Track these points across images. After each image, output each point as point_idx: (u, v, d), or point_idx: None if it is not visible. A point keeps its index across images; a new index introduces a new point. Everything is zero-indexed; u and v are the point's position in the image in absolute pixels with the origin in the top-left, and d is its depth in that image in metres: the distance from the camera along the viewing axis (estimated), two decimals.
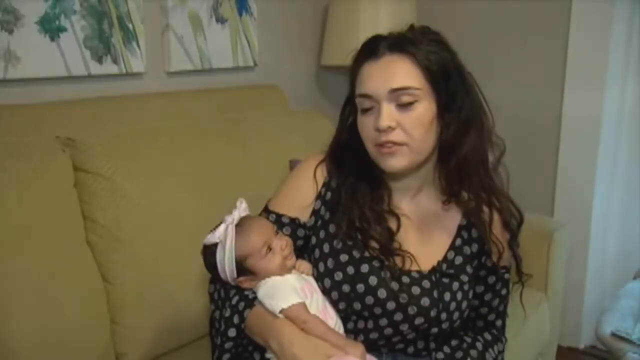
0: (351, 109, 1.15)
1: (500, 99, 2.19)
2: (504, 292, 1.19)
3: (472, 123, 1.08)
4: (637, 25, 2.10)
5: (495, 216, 1.14)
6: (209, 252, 1.08)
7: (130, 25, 1.70)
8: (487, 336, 1.18)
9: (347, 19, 2.11)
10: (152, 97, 1.72)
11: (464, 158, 1.08)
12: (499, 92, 2.22)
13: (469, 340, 1.15)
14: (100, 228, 1.33)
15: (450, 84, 1.06)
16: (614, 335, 1.64)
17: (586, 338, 2.26)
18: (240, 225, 1.07)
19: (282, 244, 1.07)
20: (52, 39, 1.53)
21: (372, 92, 1.05)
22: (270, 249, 1.06)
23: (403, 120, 1.04)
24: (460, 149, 1.08)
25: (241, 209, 1.09)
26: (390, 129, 1.04)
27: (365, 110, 1.08)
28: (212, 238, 1.07)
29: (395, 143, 1.04)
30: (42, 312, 1.18)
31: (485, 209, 1.13)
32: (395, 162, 1.06)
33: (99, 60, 1.64)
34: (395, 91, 1.04)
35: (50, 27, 1.52)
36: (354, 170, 1.15)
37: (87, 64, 1.61)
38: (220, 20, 1.96)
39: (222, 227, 1.07)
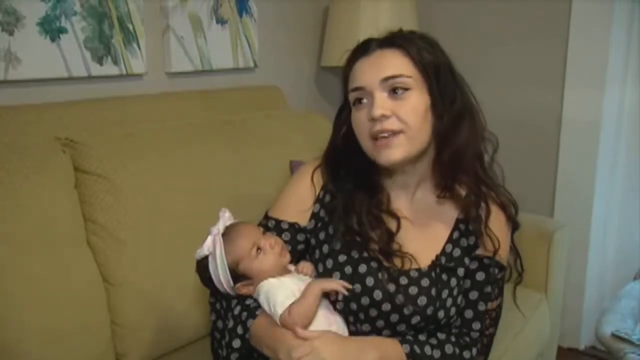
0: (345, 117, 1.14)
1: (500, 100, 2.23)
2: (487, 288, 1.12)
3: (465, 116, 1.09)
4: (637, 26, 2.10)
5: (494, 211, 1.13)
6: (202, 266, 1.09)
7: (130, 26, 1.70)
8: (452, 338, 1.10)
9: (347, 20, 2.12)
10: (152, 98, 1.73)
11: (458, 151, 1.08)
12: (498, 92, 2.25)
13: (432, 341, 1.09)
14: (101, 229, 1.33)
15: (441, 77, 1.07)
16: (614, 335, 1.64)
17: (586, 339, 2.26)
18: (227, 233, 1.08)
19: (271, 241, 1.08)
20: (53, 40, 1.53)
21: (364, 83, 1.06)
22: (259, 249, 1.07)
23: (397, 109, 1.04)
24: (454, 141, 1.08)
25: (225, 219, 1.10)
26: (385, 117, 1.04)
27: (359, 104, 1.08)
28: (201, 252, 1.08)
29: (390, 131, 1.04)
30: (42, 313, 1.18)
31: (483, 204, 1.13)
32: (391, 154, 1.05)
33: (100, 61, 1.64)
34: (387, 80, 1.05)
35: (51, 28, 1.52)
36: (350, 178, 1.15)
37: (87, 65, 1.61)
38: (221, 21, 1.97)
39: (209, 239, 1.08)
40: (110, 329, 1.32)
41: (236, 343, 1.05)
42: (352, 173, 1.15)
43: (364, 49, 1.10)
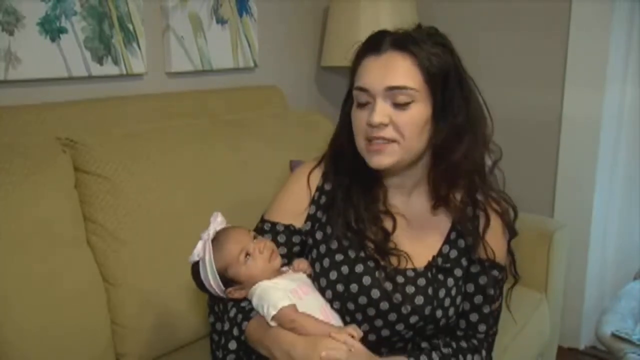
0: (348, 108, 1.14)
1: (500, 100, 2.21)
2: (490, 291, 1.13)
3: (467, 130, 1.07)
4: (637, 25, 2.10)
5: (493, 220, 1.13)
6: (194, 271, 1.10)
7: (130, 26, 1.70)
8: (463, 344, 1.13)
9: (347, 20, 2.12)
10: (152, 98, 1.73)
11: (455, 164, 1.08)
12: (499, 92, 2.24)
13: (445, 351, 1.11)
14: (101, 229, 1.33)
15: (448, 89, 1.06)
16: (614, 335, 1.64)
17: (586, 339, 2.26)
18: (216, 238, 1.08)
19: (260, 246, 1.08)
20: (53, 40, 1.53)
21: (369, 86, 1.05)
22: (248, 254, 1.07)
23: (396, 118, 1.04)
24: (452, 155, 1.07)
25: (216, 223, 1.10)
26: (383, 125, 1.04)
27: (361, 104, 1.08)
28: (192, 258, 1.08)
29: (385, 139, 1.04)
30: (42, 313, 1.18)
31: (480, 212, 1.13)
32: (382, 160, 1.06)
33: (100, 61, 1.64)
34: (392, 89, 1.04)
35: (51, 28, 1.52)
36: (349, 171, 1.15)
37: (87, 64, 1.61)
38: (221, 21, 1.97)
39: (199, 244, 1.08)
40: (110, 329, 1.32)
41: (232, 345, 1.06)
42: (351, 167, 1.15)
43: (376, 44, 1.07)
